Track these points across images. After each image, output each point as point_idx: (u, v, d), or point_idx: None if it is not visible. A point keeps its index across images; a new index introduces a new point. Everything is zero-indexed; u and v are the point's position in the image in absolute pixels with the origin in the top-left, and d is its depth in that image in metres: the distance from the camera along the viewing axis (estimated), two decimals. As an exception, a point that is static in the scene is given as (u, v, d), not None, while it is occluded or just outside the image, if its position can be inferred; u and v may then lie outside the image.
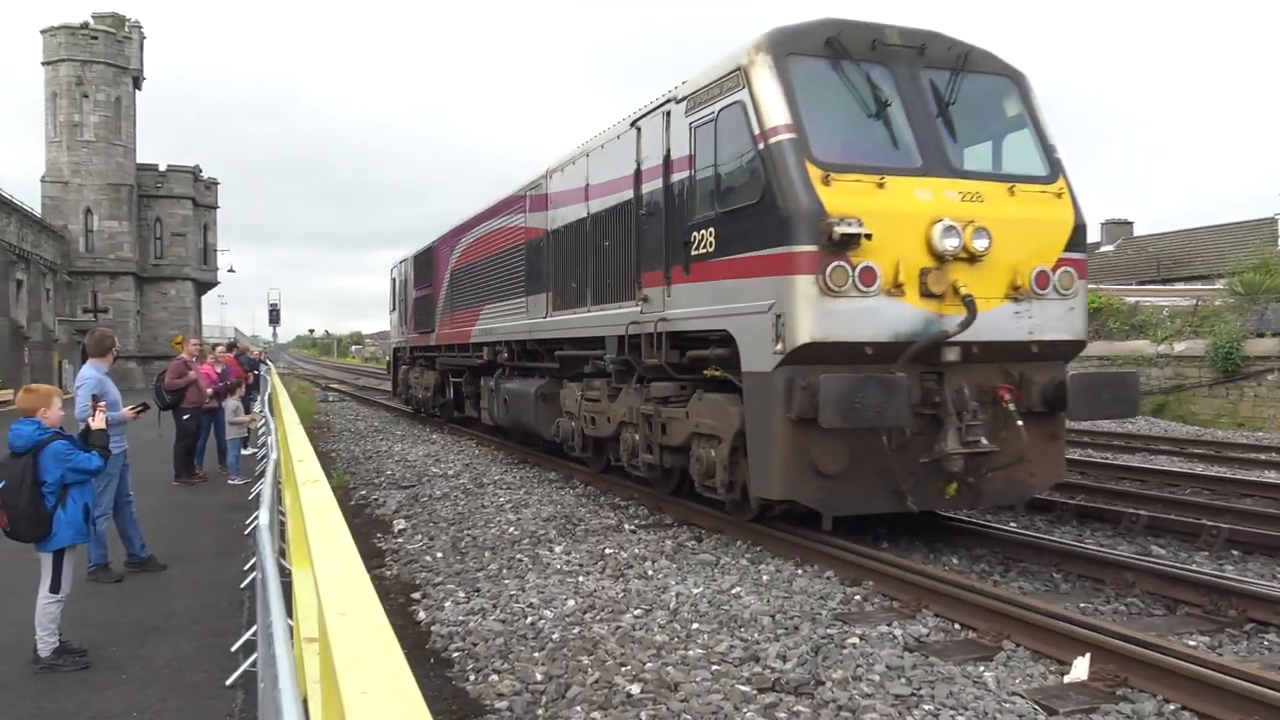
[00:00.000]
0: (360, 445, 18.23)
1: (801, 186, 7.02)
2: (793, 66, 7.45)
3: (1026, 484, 8.01)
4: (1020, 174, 7.90)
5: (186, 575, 7.82)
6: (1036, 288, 7.65)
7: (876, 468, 7.42)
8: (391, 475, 13.92)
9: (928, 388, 7.49)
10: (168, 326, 50.09)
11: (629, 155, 9.54)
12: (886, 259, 7.12)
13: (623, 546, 8.61)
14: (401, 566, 8.33)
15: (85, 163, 47.31)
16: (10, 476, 5.58)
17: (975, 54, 8.11)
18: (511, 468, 14.47)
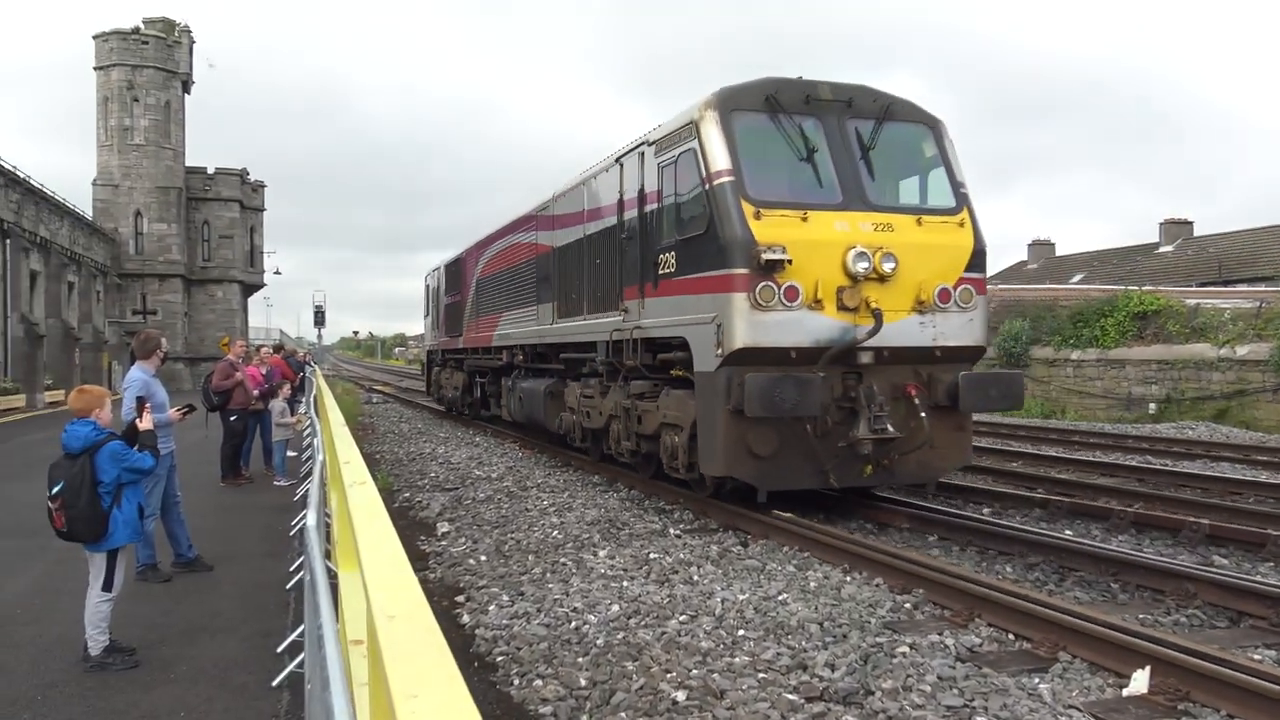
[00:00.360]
0: (404, 447, 18.40)
1: (737, 221, 8.73)
2: (735, 120, 9.18)
3: (936, 466, 9.65)
4: (929, 207, 9.64)
5: (233, 576, 7.94)
6: (939, 302, 9.33)
7: (803, 450, 9.07)
8: (435, 478, 14.03)
9: (848, 385, 9.16)
10: (215, 328, 50.99)
11: (614, 187, 11.31)
12: (808, 279, 8.80)
13: (667, 551, 8.60)
14: (445, 569, 8.39)
15: (135, 166, 48.30)
16: (68, 477, 5.66)
17: (897, 105, 9.87)
18: (554, 471, 14.52)
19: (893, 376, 9.30)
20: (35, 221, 35.97)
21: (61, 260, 38.29)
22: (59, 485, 5.64)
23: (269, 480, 13.40)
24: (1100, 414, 25.25)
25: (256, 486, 12.99)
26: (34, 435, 21.49)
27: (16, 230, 33.59)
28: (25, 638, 6.28)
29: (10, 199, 33.49)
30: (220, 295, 52.51)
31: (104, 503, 5.68)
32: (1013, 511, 10.71)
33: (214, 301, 52.38)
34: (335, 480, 5.70)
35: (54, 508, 5.64)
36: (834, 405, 9.15)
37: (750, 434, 8.89)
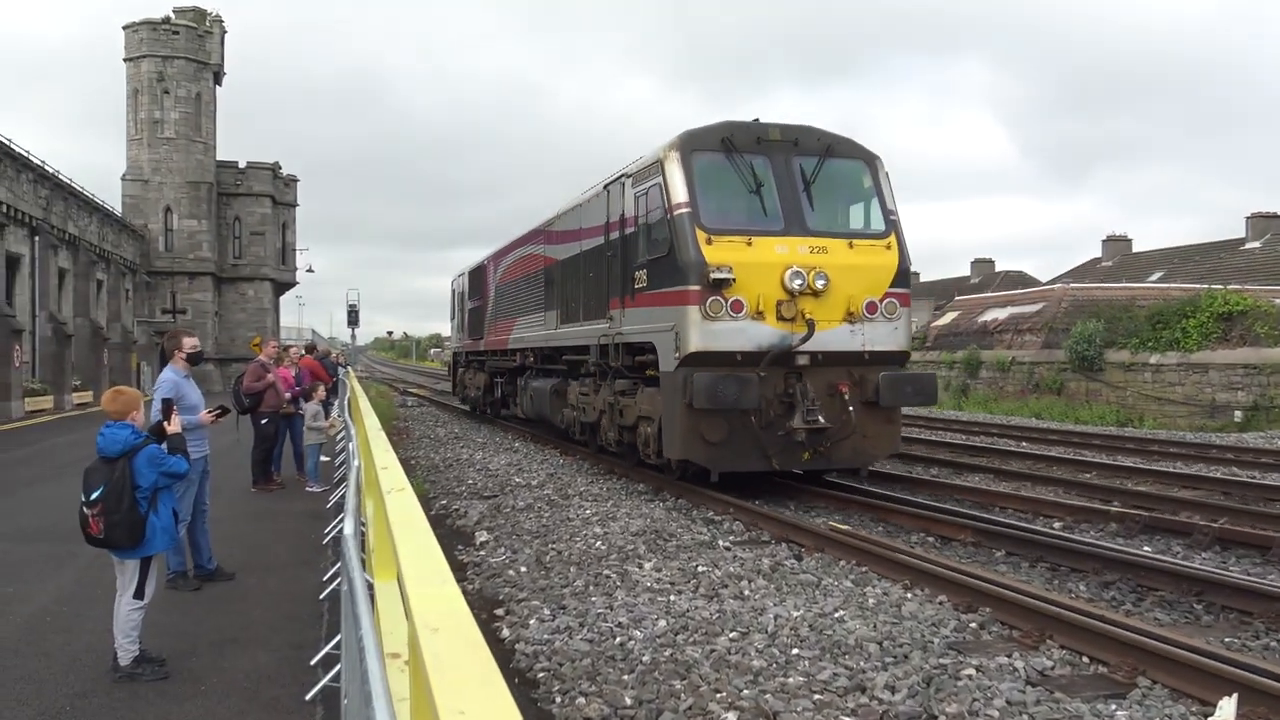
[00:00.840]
0: (440, 453, 18.56)
1: (692, 245, 11.03)
2: (695, 159, 11.51)
3: (868, 454, 11.86)
4: (861, 231, 11.90)
5: (265, 585, 8.05)
6: (867, 313, 11.57)
7: (749, 438, 11.26)
8: (473, 485, 14.13)
9: (789, 383, 11.36)
10: (246, 328, 51.80)
11: (602, 210, 13.69)
12: (751, 294, 11.08)
13: (717, 564, 8.58)
14: (484, 581, 8.45)
15: (165, 160, 49.21)
16: (108, 482, 5.75)
17: (838, 143, 12.17)
18: (597, 478, 14.55)
19: (828, 376, 11.54)
20: (64, 218, 36.77)
21: (90, 258, 39.10)
22: (99, 490, 5.72)
23: (300, 486, 13.58)
24: (1181, 422, 24.78)
25: (288, 492, 13.17)
26: (62, 438, 21.99)
27: (45, 227, 34.36)
28: (54, 646, 6.42)
29: (39, 195, 34.27)
30: (251, 294, 53.34)
31: (141, 508, 5.78)
32: (1086, 526, 10.58)
33: (245, 300, 53.21)
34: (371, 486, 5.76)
35: (92, 513, 5.72)
36: (776, 400, 11.38)
37: (703, 424, 11.19)
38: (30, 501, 12.50)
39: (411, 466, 16.08)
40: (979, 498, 12.29)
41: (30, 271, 33.45)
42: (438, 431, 23.32)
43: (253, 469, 13.34)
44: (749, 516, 10.90)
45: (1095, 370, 27.84)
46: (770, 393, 11.34)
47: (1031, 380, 30.25)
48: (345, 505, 5.80)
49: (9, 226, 31.40)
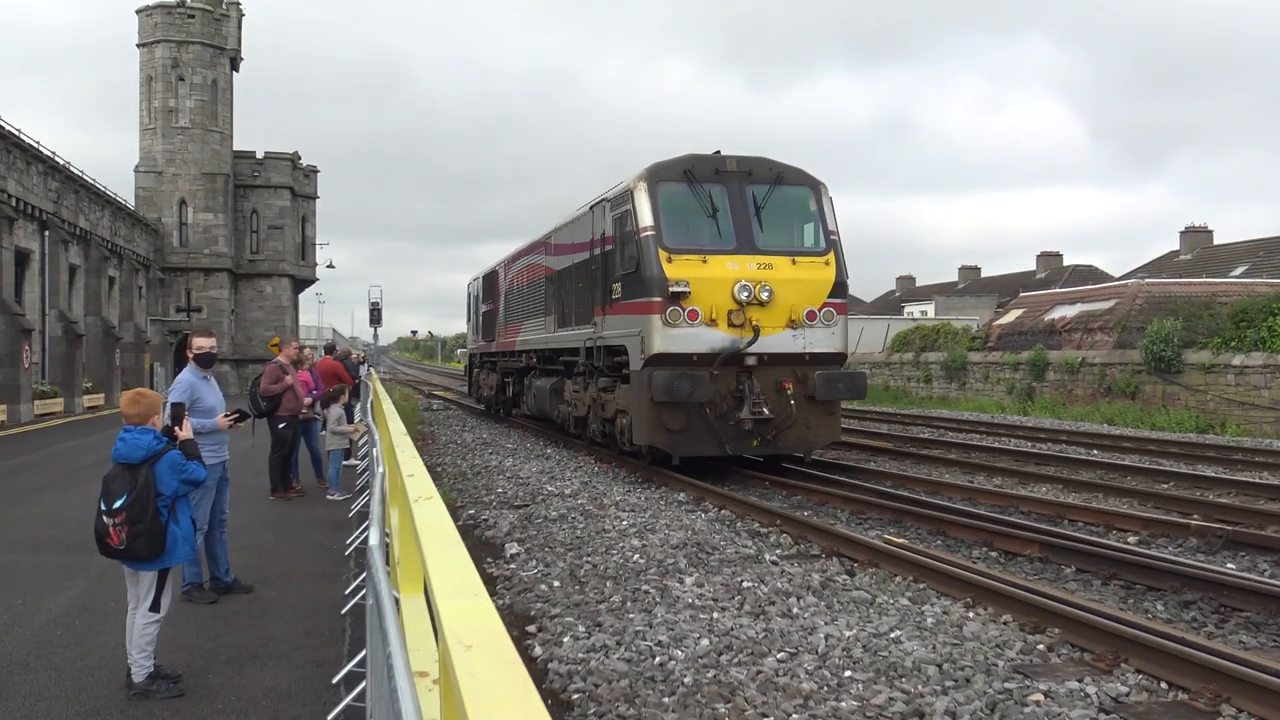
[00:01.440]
0: (468, 459, 18.66)
1: (655, 263, 13.95)
2: (659, 189, 14.43)
3: (810, 441, 14.79)
4: (803, 249, 14.81)
5: (284, 598, 8.13)
6: (807, 320, 14.44)
7: (704, 427, 14.17)
8: (502, 493, 14.19)
9: (740, 380, 14.26)
10: (263, 327, 52.37)
11: (588, 228, 16.72)
12: (705, 304, 13.99)
13: (763, 579, 8.56)
14: (514, 595, 8.48)
15: (180, 151, 49.85)
16: (132, 490, 5.80)
17: (787, 172, 15.12)
18: (635, 487, 14.54)
19: (774, 374, 14.47)
20: (75, 211, 37.35)
21: (102, 253, 39.68)
22: (123, 498, 5.77)
23: (319, 493, 13.70)
24: (1268, 428, 24.37)
25: (308, 500, 13.29)
26: (71, 442, 22.35)
27: (55, 221, 34.91)
28: (66, 661, 6.52)
29: (49, 187, 34.83)
30: (269, 291, 53.91)
31: (162, 517, 5.84)
32: (1163, 540, 10.46)
33: (262, 298, 53.77)
34: (396, 495, 5.80)
35: (114, 523, 5.77)
36: (729, 394, 14.32)
37: (665, 415, 14.13)
38: (40, 510, 12.71)
39: (437, 474, 16.16)
40: (1046, 509, 12.18)
41: (40, 268, 34.00)
42: (465, 437, 23.42)
43: (270, 476, 13.46)
44: (797, 529, 10.87)
45: (1173, 372, 27.45)
46: (724, 388, 14.34)
47: (1103, 383, 29.89)
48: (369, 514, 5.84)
49: (18, 220, 31.95)
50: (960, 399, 35.60)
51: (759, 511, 11.98)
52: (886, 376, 41.22)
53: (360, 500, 11.99)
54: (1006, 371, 34.19)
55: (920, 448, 20.13)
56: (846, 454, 19.14)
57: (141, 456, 5.85)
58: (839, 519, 12.23)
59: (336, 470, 13.80)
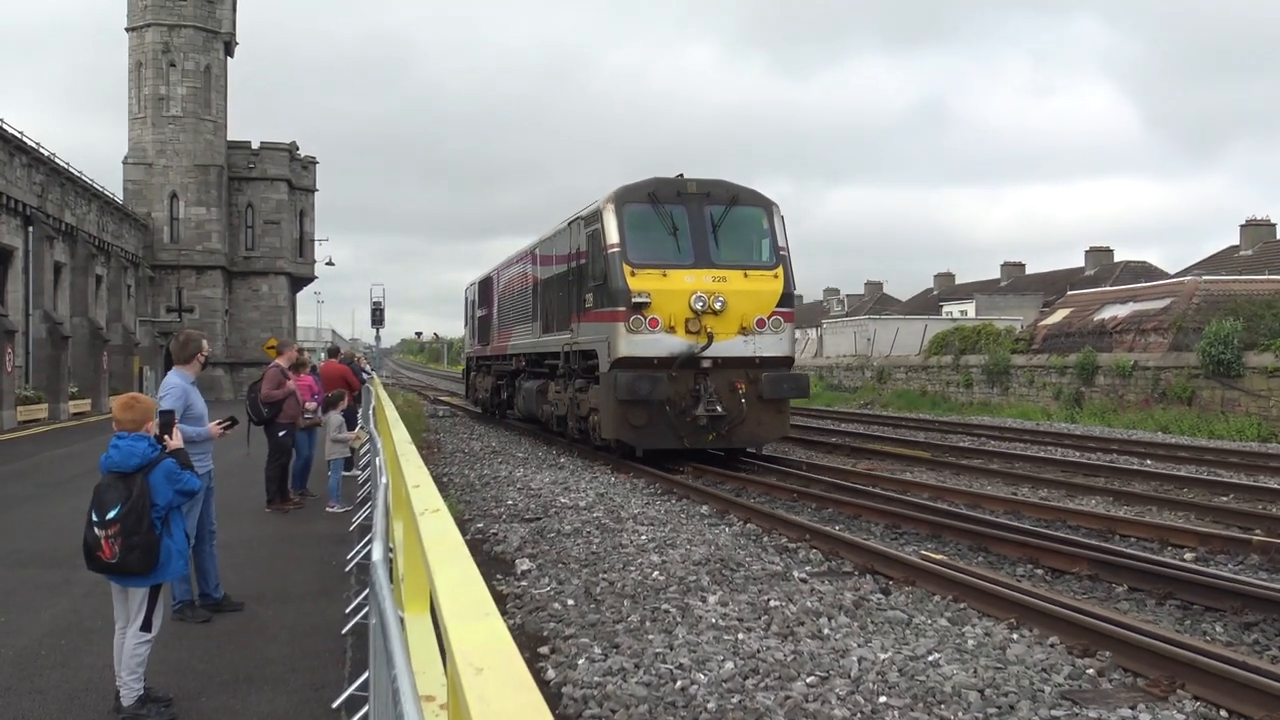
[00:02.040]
0: (476, 469, 18.71)
1: (620, 277, 16.76)
2: (625, 209, 17.28)
3: (761, 436, 17.76)
4: (755, 264, 17.68)
5: (281, 617, 8.16)
6: (757, 328, 17.30)
7: (665, 423, 16.93)
8: (513, 506, 14.21)
9: (697, 380, 17.06)
10: (259, 328, 52.61)
11: (567, 242, 19.74)
12: (664, 313, 16.84)
13: (791, 598, 8.55)
14: (526, 615, 8.49)
15: (171, 141, 50.15)
16: (127, 500, 5.83)
17: (743, 194, 18.04)
18: (654, 499, 14.54)
19: (728, 376, 17.33)
20: (60, 206, 37.61)
21: (89, 250, 39.94)
22: (117, 509, 5.79)
23: (316, 505, 13.74)
24: (1335, 437, 24.18)
25: (306, 513, 13.35)
26: (56, 450, 22.50)
27: (40, 216, 35.17)
28: (51, 683, 6.57)
29: (34, 180, 35.08)
30: (265, 290, 54.17)
31: (157, 529, 5.87)
32: (1223, 557, 10.41)
33: (258, 297, 54.04)
34: (401, 506, 5.81)
35: (106, 535, 5.79)
36: (687, 393, 17.17)
37: (629, 412, 16.93)
38: (23, 522, 12.80)
39: (444, 485, 16.21)
40: (1096, 524, 12.12)
41: (24, 266, 34.23)
42: (473, 445, 23.48)
43: (267, 487, 13.52)
44: (828, 543, 10.86)
45: (1233, 376, 27.26)
46: (682, 388, 17.21)
47: (1157, 388, 29.72)
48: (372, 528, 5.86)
49: (1, 216, 32.21)
50: (1003, 405, 35.48)
51: (787, 525, 11.97)
52: (923, 381, 41.12)
53: (362, 513, 12.03)
54: (1053, 375, 34.06)
55: (960, 457, 20.06)
56: (881, 464, 19.10)
57: (136, 464, 5.87)
58: (873, 533, 12.21)
59: (337, 481, 13.85)
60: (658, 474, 16.79)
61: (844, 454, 21.18)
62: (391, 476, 6.77)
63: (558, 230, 20.93)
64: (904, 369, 43.05)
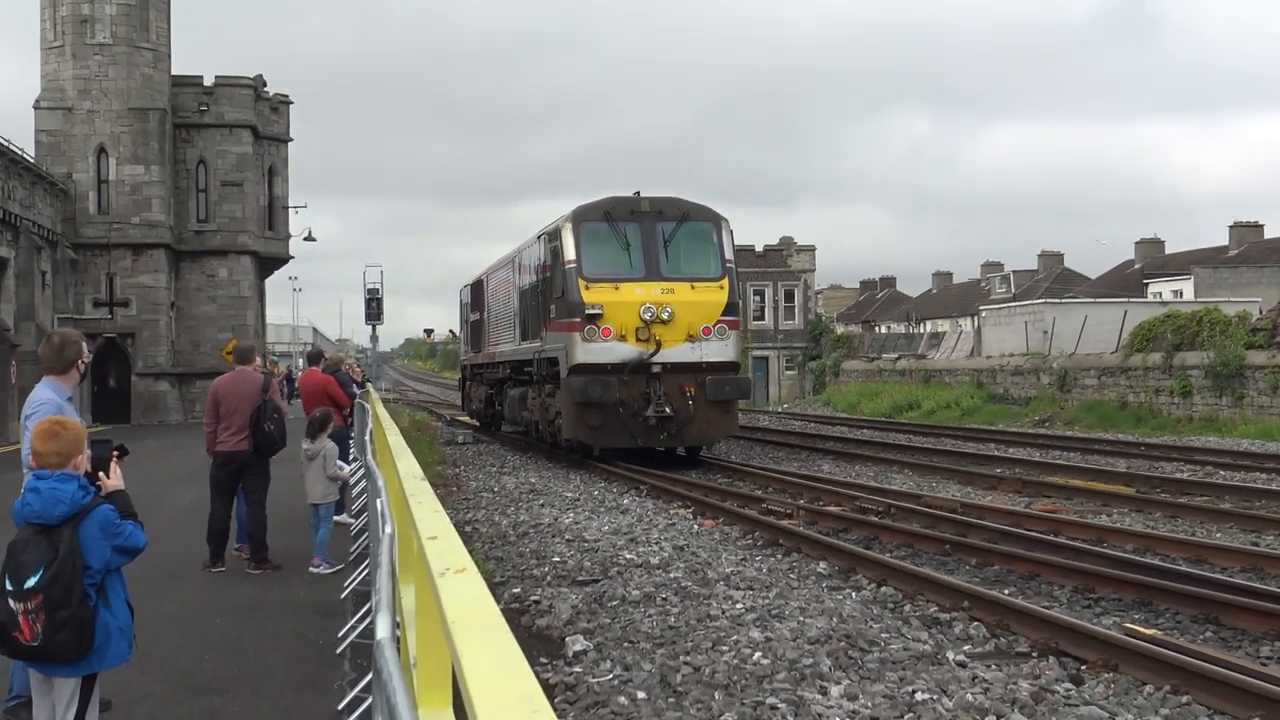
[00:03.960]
0: (509, 514, 18.83)
1: (575, 291, 25.86)
2: (582, 228, 26.39)
3: (710, 435, 27.26)
4: (701, 276, 26.63)
5: (253, 716, 8.23)
6: (703, 335, 26.03)
7: (619, 423, 25.64)
8: (560, 563, 14.25)
9: (649, 384, 25.66)
10: (216, 326, 52.94)
11: (538, 254, 28.81)
12: (616, 323, 25.68)
13: (945, 689, 8.48)
14: (581, 712, 8.49)
15: (98, 77, 50.60)
16: (52, 562, 5.74)
17: (693, 210, 27.23)
18: (752, 553, 14.52)
19: (678, 380, 25.42)
20: (-47, 166, 38.13)
21: (-9, 225, 40.50)
22: (38, 574, 5.70)
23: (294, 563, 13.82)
24: None
25: (283, 575, 13.41)
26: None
27: (-73, 180, 35.72)
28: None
29: (-82, 133, 35.54)
30: (224, 274, 54.47)
31: (91, 599, 5.80)
32: None
33: (214, 284, 54.27)
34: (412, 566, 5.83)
35: (27, 609, 5.70)
36: (639, 396, 25.17)
37: (586, 414, 25.15)
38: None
39: (468, 535, 16.30)
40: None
41: (-94, 247, 34.78)
42: (504, 482, 23.64)
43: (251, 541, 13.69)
44: (994, 613, 10.74)
45: None
46: (635, 391, 25.23)
47: None
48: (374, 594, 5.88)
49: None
50: (1235, 420, 34.94)
51: (937, 588, 11.86)
52: (1122, 388, 40.59)
53: (356, 574, 12.11)
54: (1304, 379, 33.47)
55: (1176, 493, 19.80)
56: (1065, 504, 18.89)
57: (63, 514, 5.78)
58: (1057, 599, 12.06)
59: (326, 533, 13.87)
60: (758, 519, 16.90)
61: (1012, 490, 21.04)
62: (398, 525, 6.80)
63: (530, 243, 30.07)
64: (1095, 372, 42.53)
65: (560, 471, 25.70)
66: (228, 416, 13.64)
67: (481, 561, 13.96)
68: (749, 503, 19.91)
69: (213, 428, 13.76)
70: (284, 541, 14.78)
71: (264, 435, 13.47)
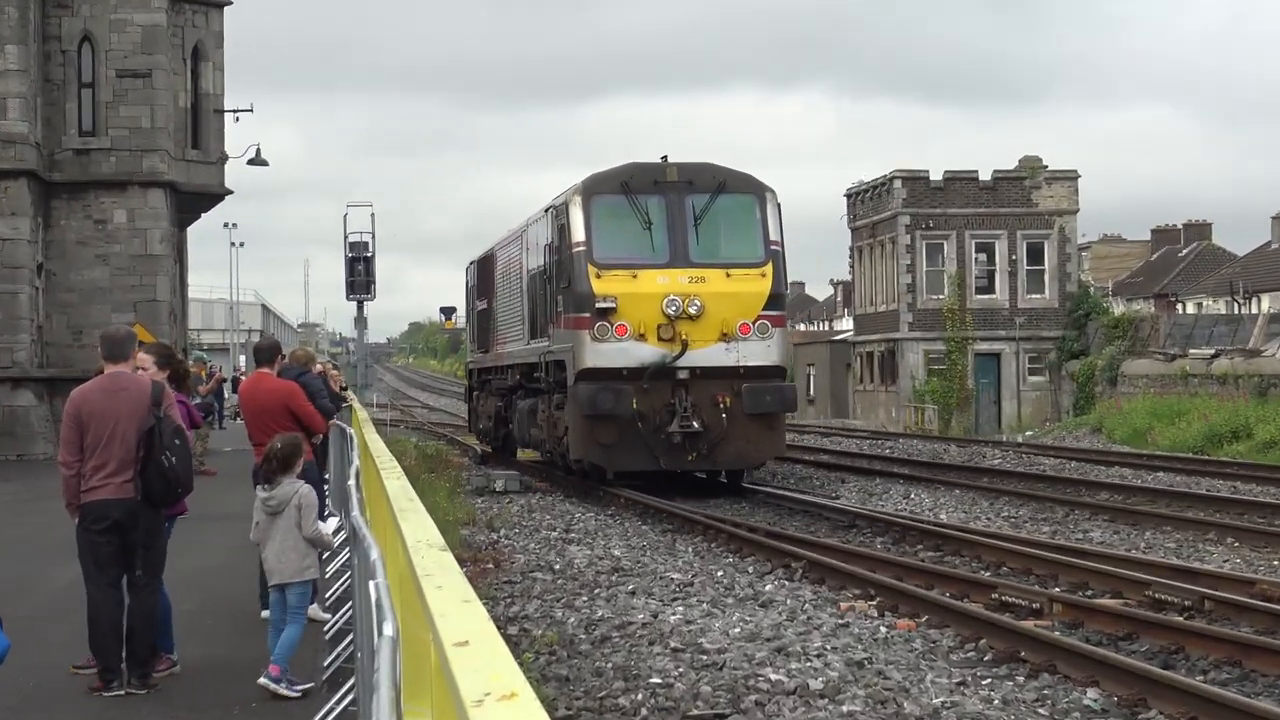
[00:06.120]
0: (580, 606, 19.00)
1: (583, 279, 36.20)
2: (594, 202, 36.74)
3: (751, 456, 37.80)
4: (739, 261, 36.82)
5: None
6: (740, 333, 35.77)
7: (638, 441, 35.47)
8: (664, 687, 14.29)
9: (674, 394, 35.82)
10: (108, 301, 53.22)
11: (545, 231, 39.49)
12: (634, 319, 35.77)
13: None
14: None
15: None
16: None
17: (732, 179, 37.38)
18: (976, 672, 14.47)
19: (710, 389, 34.92)
20: None
21: None
22: None
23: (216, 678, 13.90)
24: None
25: (219, 699, 13.52)
26: None
27: None
28: None
29: None
30: (121, 219, 54.81)
31: None
32: None
33: (106, 236, 54.65)
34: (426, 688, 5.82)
35: None
36: (662, 408, 34.60)
37: (597, 429, 34.53)
38: None
39: (516, 640, 16.35)
40: None
41: None
42: (571, 554, 23.76)
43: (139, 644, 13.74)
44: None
45: None
46: (657, 402, 33.15)
47: None
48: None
49: None
50: None
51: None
52: None
53: (336, 701, 12.16)
54: None
55: None
56: None
57: None
58: None
59: (296, 633, 13.88)
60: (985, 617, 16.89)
61: None
62: (404, 624, 6.80)
63: (537, 217, 36.50)
64: None
65: (658, 538, 25.53)
66: (98, 447, 13.46)
67: (537, 683, 13.98)
68: (969, 590, 20.01)
69: (75, 467, 13.52)
70: (209, 649, 14.88)
71: (159, 474, 13.34)
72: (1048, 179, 73.40)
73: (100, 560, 13.45)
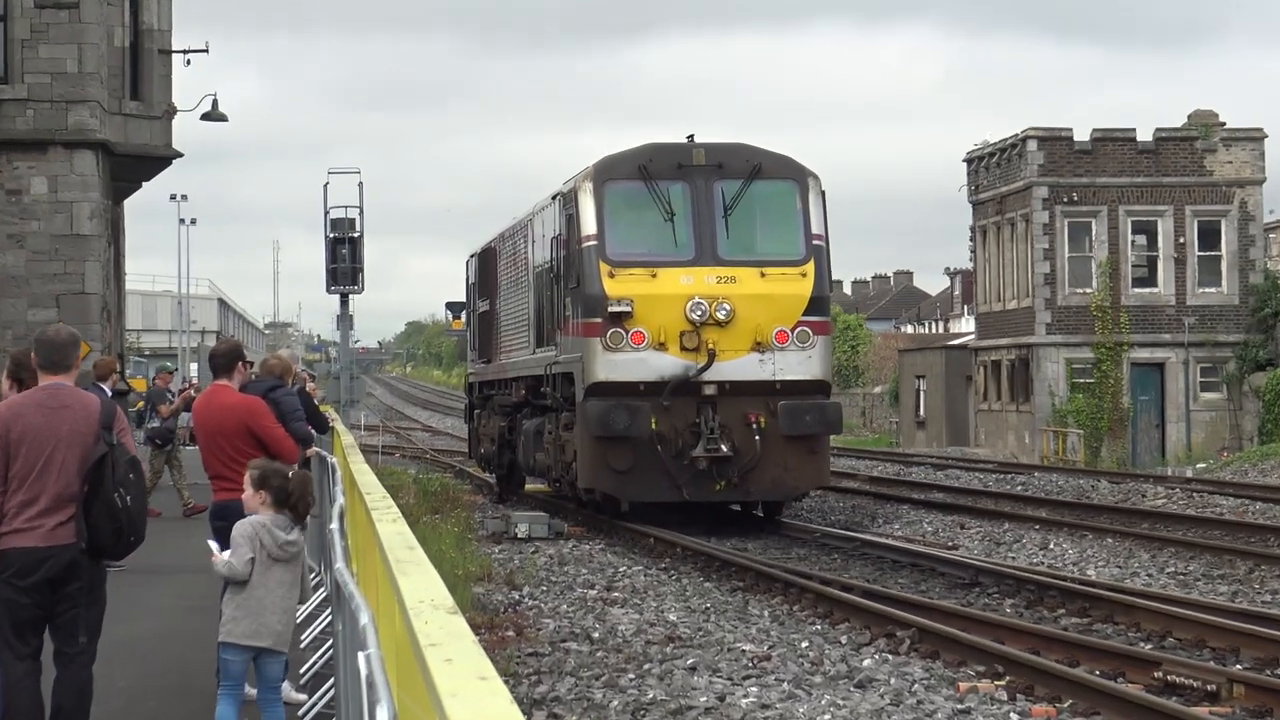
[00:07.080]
0: (625, 685, 18.93)
1: (594, 279, 41.20)
2: (607, 190, 41.95)
3: (789, 486, 42.38)
4: (775, 259, 42.30)
5: None
6: (777, 342, 40.82)
7: (657, 467, 40.36)
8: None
9: (699, 412, 40.89)
10: (26, 293, 53.68)
11: (553, 222, 45.95)
12: (653, 325, 40.69)
13: None
14: None
15: None
16: None
17: (769, 163, 42.95)
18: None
19: (741, 406, 39.96)
20: None
21: None
22: None
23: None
24: None
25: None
26: None
27: None
28: None
29: None
30: (41, 189, 55.40)
31: None
32: None
33: (22, 210, 55.20)
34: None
35: None
36: (686, 429, 39.49)
37: (609, 452, 39.08)
38: None
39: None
40: None
41: None
42: (614, 618, 23.74)
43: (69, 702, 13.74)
44: None
45: None
46: (680, 422, 37.72)
47: None
48: None
49: None
50: None
51: None
52: None
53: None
54: None
55: None
56: None
57: None
58: None
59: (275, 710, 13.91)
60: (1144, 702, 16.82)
61: None
62: (402, 709, 6.76)
63: (544, 204, 38.32)
64: None
65: (729, 598, 25.46)
66: (29, 478, 13.04)
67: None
68: (1125, 667, 19.77)
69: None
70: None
71: (109, 515, 13.06)
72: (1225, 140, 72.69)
73: (19, 625, 12.84)
